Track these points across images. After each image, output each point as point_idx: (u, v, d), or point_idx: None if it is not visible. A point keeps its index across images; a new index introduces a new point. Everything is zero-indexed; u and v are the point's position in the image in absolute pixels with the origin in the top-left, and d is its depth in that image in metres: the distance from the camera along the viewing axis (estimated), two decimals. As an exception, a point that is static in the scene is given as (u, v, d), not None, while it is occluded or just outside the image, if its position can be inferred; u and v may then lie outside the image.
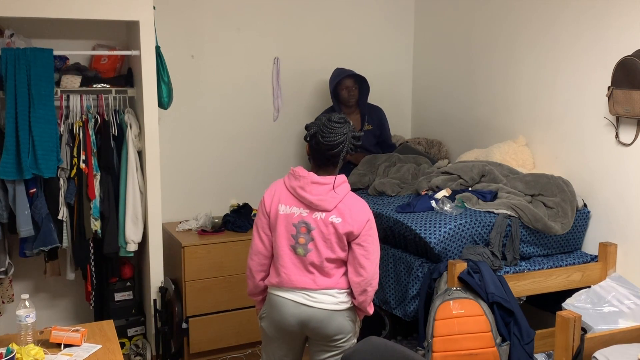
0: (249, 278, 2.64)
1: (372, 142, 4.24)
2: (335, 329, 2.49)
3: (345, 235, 2.45)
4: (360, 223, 2.47)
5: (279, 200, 2.50)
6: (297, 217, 2.47)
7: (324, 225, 2.45)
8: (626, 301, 2.86)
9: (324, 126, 2.46)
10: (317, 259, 2.46)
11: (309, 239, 2.46)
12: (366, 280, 2.48)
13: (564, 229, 3.13)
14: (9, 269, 3.54)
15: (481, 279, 2.80)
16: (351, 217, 2.45)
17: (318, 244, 2.45)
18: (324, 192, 2.46)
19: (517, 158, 3.63)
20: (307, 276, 2.47)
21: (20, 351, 2.23)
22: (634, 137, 3.03)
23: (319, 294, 2.47)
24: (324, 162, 2.50)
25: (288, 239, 2.48)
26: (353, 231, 2.45)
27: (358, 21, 4.65)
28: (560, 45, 3.45)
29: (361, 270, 2.48)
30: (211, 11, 4.20)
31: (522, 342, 2.74)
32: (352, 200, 2.51)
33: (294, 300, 2.48)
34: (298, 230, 2.46)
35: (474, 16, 4.14)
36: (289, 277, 2.47)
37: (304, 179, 2.47)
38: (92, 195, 3.57)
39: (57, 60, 3.56)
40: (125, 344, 3.84)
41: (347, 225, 2.44)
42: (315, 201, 2.45)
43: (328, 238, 2.45)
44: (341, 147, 2.45)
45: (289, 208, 2.48)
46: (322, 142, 2.44)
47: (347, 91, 4.15)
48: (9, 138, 3.28)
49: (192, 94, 4.19)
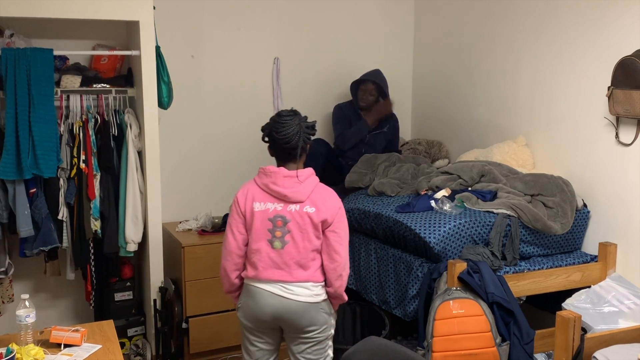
0: (224, 278, 2.70)
1: (383, 143, 4.25)
2: (309, 321, 2.58)
3: (320, 223, 2.56)
4: (333, 211, 2.59)
5: (253, 199, 2.59)
6: (272, 211, 2.56)
7: (299, 216, 2.55)
8: (626, 301, 2.86)
9: (275, 122, 2.61)
10: (295, 251, 2.55)
11: (285, 231, 2.55)
12: (341, 265, 2.62)
13: (564, 229, 3.13)
14: (9, 269, 3.54)
15: (481, 279, 2.80)
16: (324, 206, 2.57)
17: (295, 235, 2.55)
18: (295, 185, 2.56)
19: (517, 158, 3.63)
20: (283, 269, 2.56)
21: (20, 351, 2.23)
22: (634, 137, 3.03)
23: (294, 287, 2.56)
24: (286, 157, 2.62)
25: (265, 234, 2.56)
26: (327, 219, 2.56)
27: (358, 21, 4.64)
28: (560, 45, 3.45)
29: (336, 255, 2.60)
30: (211, 11, 4.20)
31: (522, 342, 2.75)
32: (322, 190, 2.62)
33: (270, 291, 2.56)
34: (274, 224, 2.55)
35: (473, 16, 4.14)
36: (265, 271, 2.56)
37: (275, 174, 2.57)
38: (92, 195, 3.57)
39: (57, 60, 3.56)
40: (125, 344, 3.84)
41: (321, 214, 2.55)
42: (289, 194, 2.54)
43: (304, 228, 2.55)
44: (296, 139, 2.57)
45: (264, 204, 2.57)
46: (277, 137, 2.58)
47: (363, 94, 4.19)
48: (9, 138, 3.27)
49: (192, 94, 4.18)
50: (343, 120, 4.21)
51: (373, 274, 3.44)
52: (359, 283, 3.58)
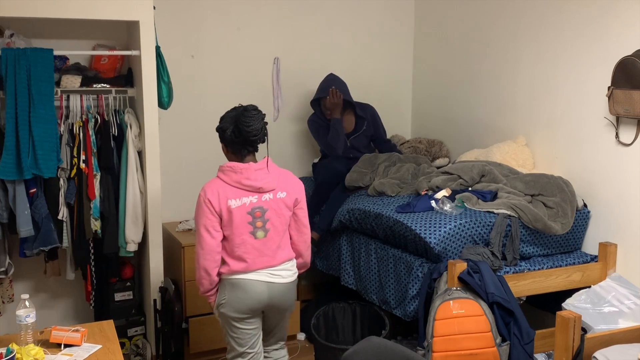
0: (203, 278, 2.73)
1: (365, 143, 4.21)
2: (292, 299, 2.83)
3: (292, 204, 2.75)
4: (300, 189, 2.80)
5: (227, 197, 2.66)
6: (249, 205, 2.67)
7: (274, 203, 2.70)
8: (626, 301, 2.86)
9: (243, 116, 2.67)
10: (277, 236, 2.72)
11: (265, 220, 2.69)
12: (309, 236, 2.87)
13: (564, 229, 3.13)
14: (9, 269, 3.54)
15: (481, 279, 2.80)
16: (292, 187, 2.76)
17: (274, 222, 2.70)
18: (266, 175, 2.70)
19: (517, 158, 3.63)
20: (268, 256, 2.70)
21: (20, 351, 2.23)
22: (634, 137, 3.03)
23: (279, 270, 2.74)
24: (248, 150, 2.72)
25: (246, 227, 2.67)
26: (298, 198, 2.78)
27: (358, 21, 4.64)
28: (561, 45, 3.45)
29: (304, 229, 2.83)
30: (211, 11, 4.20)
31: (522, 342, 2.75)
32: (284, 173, 2.80)
33: (260, 280, 2.69)
34: (253, 216, 2.67)
35: (474, 16, 4.14)
36: (254, 261, 2.68)
37: (247, 170, 2.68)
38: (92, 195, 3.57)
39: (57, 60, 3.56)
40: (125, 344, 3.84)
41: (292, 195, 2.75)
42: (263, 185, 2.68)
43: (281, 213, 2.72)
44: (262, 133, 2.70)
45: (239, 200, 2.66)
46: (246, 130, 2.65)
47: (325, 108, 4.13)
48: (9, 138, 3.27)
49: (192, 94, 4.18)
50: (321, 130, 4.17)
51: (373, 274, 3.44)
52: (359, 283, 3.58)
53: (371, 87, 4.56)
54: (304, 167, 4.60)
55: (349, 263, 3.68)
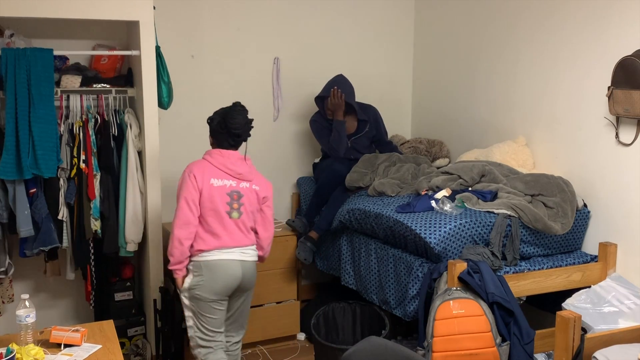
0: (175, 248, 2.95)
1: (366, 144, 4.21)
2: (254, 277, 3.11)
3: (262, 199, 3.09)
4: (269, 189, 3.14)
5: (210, 176, 2.96)
6: (229, 187, 2.98)
7: (250, 192, 3.03)
8: (626, 301, 2.86)
9: (231, 111, 3.01)
10: (247, 219, 3.02)
11: (240, 204, 3.00)
12: (272, 233, 3.17)
13: (564, 229, 3.13)
14: (9, 269, 3.54)
15: (481, 279, 2.80)
16: (264, 185, 3.11)
17: (247, 207, 3.02)
18: (246, 166, 3.04)
19: (517, 158, 3.63)
20: (242, 234, 3.00)
21: (20, 351, 2.23)
22: (634, 137, 3.03)
23: (249, 249, 3.05)
24: (231, 144, 3.02)
25: (223, 207, 2.95)
26: (267, 195, 3.11)
27: (358, 21, 4.65)
28: (560, 45, 3.45)
29: (269, 225, 3.13)
30: (211, 11, 4.20)
31: (522, 342, 2.75)
32: (259, 173, 3.15)
33: (234, 259, 2.97)
34: (231, 198, 2.98)
35: (473, 16, 4.14)
36: (231, 238, 2.96)
37: (232, 156, 3.01)
38: (92, 195, 3.57)
39: (57, 60, 3.56)
40: (125, 344, 3.84)
41: (263, 192, 3.09)
42: (244, 172, 3.01)
43: (252, 202, 3.05)
44: (245, 129, 3.03)
45: (221, 181, 2.97)
46: (230, 122, 2.97)
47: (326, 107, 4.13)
48: (9, 138, 3.27)
49: (192, 94, 4.18)
50: (323, 130, 4.17)
51: (373, 274, 3.44)
52: (359, 283, 3.58)
53: (371, 87, 4.56)
54: (305, 167, 4.60)
55: (349, 263, 3.68)
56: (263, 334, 4.10)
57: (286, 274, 4.13)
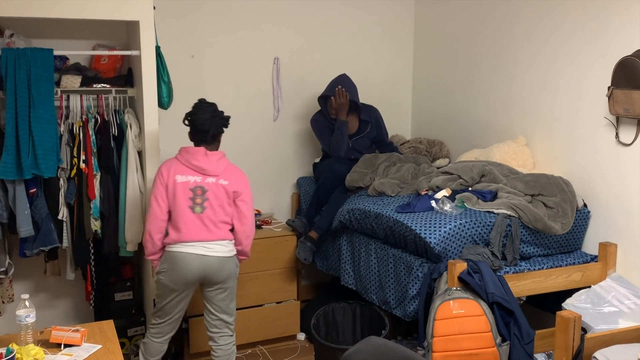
0: (147, 241, 3.14)
1: (367, 145, 4.21)
2: (227, 273, 3.14)
3: (232, 193, 3.12)
4: (242, 184, 3.17)
5: (175, 172, 3.09)
6: (192, 183, 3.08)
7: (215, 187, 3.09)
8: (626, 301, 2.86)
9: (195, 108, 3.18)
10: (212, 214, 3.08)
11: (204, 199, 3.07)
12: (249, 227, 3.19)
13: (564, 229, 3.13)
14: (9, 269, 3.54)
15: (481, 279, 2.80)
16: (235, 180, 3.15)
17: (212, 202, 3.08)
18: (212, 162, 3.11)
19: (517, 158, 3.63)
20: (204, 229, 3.06)
21: (20, 351, 2.23)
22: (634, 137, 3.03)
23: (214, 244, 3.08)
24: (201, 139, 3.13)
25: (186, 201, 3.06)
26: (238, 190, 3.14)
27: (358, 21, 4.65)
28: (560, 45, 3.45)
29: (245, 219, 3.16)
30: (211, 11, 4.20)
31: (522, 342, 2.75)
32: (233, 168, 3.19)
33: (194, 252, 3.05)
34: (195, 193, 3.07)
35: (474, 16, 4.14)
36: (189, 232, 3.05)
37: (197, 152, 3.10)
38: (92, 195, 3.57)
39: (57, 60, 3.56)
40: (125, 344, 3.84)
41: (233, 186, 3.13)
42: (208, 168, 3.08)
43: (219, 197, 3.09)
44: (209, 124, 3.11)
45: (185, 177, 3.08)
46: (194, 118, 3.13)
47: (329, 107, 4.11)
48: (9, 138, 3.27)
49: (192, 94, 4.17)
50: (324, 130, 4.17)
51: (373, 274, 3.44)
52: (359, 283, 3.58)
53: (371, 87, 4.56)
54: (305, 167, 4.60)
55: (349, 263, 3.68)
56: (263, 334, 4.10)
57: (286, 274, 4.13)
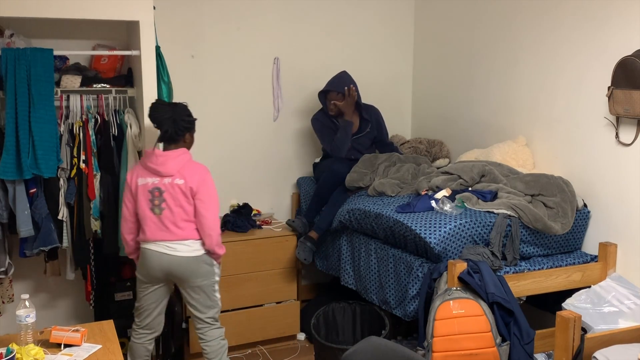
0: (124, 241, 3.30)
1: (367, 144, 4.21)
2: (192, 272, 3.16)
3: (189, 192, 3.10)
4: (197, 182, 3.12)
5: (137, 176, 3.16)
6: (150, 185, 3.12)
7: (171, 187, 3.10)
8: (626, 301, 2.86)
9: (150, 108, 3.17)
10: (171, 215, 3.11)
11: (162, 200, 3.11)
12: (207, 226, 3.13)
13: (564, 229, 3.13)
14: (9, 269, 3.54)
15: (481, 279, 2.80)
16: (190, 178, 3.11)
17: (169, 203, 3.10)
18: (166, 162, 3.11)
19: (517, 158, 3.63)
20: (165, 230, 3.11)
21: (20, 351, 2.23)
22: (634, 137, 3.03)
23: (176, 244, 3.12)
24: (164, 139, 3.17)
25: (147, 204, 3.12)
26: (192, 187, 3.10)
27: (358, 21, 4.65)
28: (560, 45, 3.45)
29: (202, 218, 3.12)
30: (211, 11, 4.20)
31: (522, 342, 2.75)
32: (191, 165, 3.17)
33: (157, 250, 3.13)
34: (153, 195, 3.11)
35: (474, 16, 4.14)
36: (151, 233, 3.12)
37: (152, 155, 3.14)
38: (92, 195, 3.57)
39: (57, 60, 3.56)
40: (125, 344, 3.83)
41: (188, 184, 3.10)
42: (160, 169, 3.10)
43: (176, 197, 3.10)
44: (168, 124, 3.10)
45: (144, 179, 3.14)
46: (153, 121, 3.14)
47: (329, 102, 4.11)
48: (9, 138, 3.27)
49: (192, 94, 4.17)
50: (325, 129, 4.16)
51: (373, 274, 3.44)
52: (359, 283, 3.58)
53: (371, 87, 4.55)
54: (305, 167, 4.60)
55: (349, 263, 3.68)
56: (263, 334, 4.10)
57: (286, 274, 4.13)
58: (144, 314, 3.28)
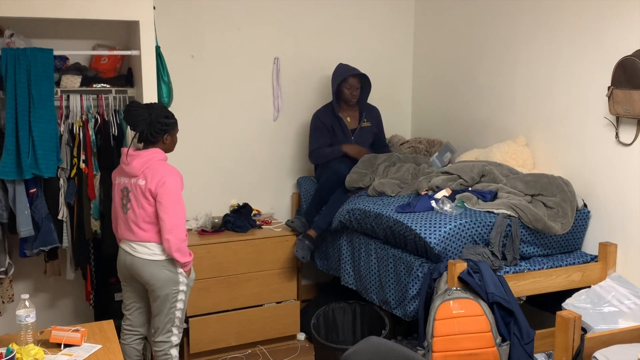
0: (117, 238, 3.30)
1: (369, 140, 4.23)
2: (149, 276, 3.07)
3: (148, 193, 3.04)
4: (157, 183, 3.02)
5: (116, 175, 3.20)
6: (122, 184, 3.14)
7: (134, 187, 3.08)
8: (626, 301, 2.86)
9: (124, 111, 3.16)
10: (133, 215, 3.09)
11: (128, 199, 3.11)
12: (165, 229, 3.02)
13: (564, 229, 3.13)
14: (9, 269, 3.54)
15: (481, 279, 2.80)
16: (152, 179, 3.03)
17: (133, 203, 3.09)
18: (131, 162, 3.06)
19: (517, 158, 3.63)
20: (130, 230, 3.10)
21: (20, 351, 2.23)
22: (634, 137, 3.03)
23: (138, 246, 3.09)
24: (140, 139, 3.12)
25: (119, 203, 3.15)
26: (151, 189, 3.03)
27: (358, 21, 4.65)
28: (561, 45, 3.45)
29: (160, 221, 3.05)
30: (211, 11, 4.20)
31: (522, 342, 2.75)
32: (157, 166, 3.06)
33: (124, 249, 3.16)
34: (123, 194, 3.13)
35: (473, 16, 4.14)
36: (121, 231, 3.16)
37: (122, 154, 3.12)
38: (92, 195, 3.57)
39: (57, 60, 3.55)
40: (125, 344, 3.83)
41: (147, 185, 3.04)
42: (126, 169, 3.08)
43: (138, 198, 3.07)
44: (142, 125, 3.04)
45: (120, 178, 3.16)
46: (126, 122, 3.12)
47: (351, 90, 4.09)
48: (9, 138, 3.27)
49: (192, 94, 4.18)
50: (321, 131, 4.13)
51: (373, 274, 3.44)
52: (359, 283, 3.58)
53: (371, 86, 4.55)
54: (305, 166, 4.60)
55: (349, 263, 3.68)
56: (263, 334, 4.10)
57: (286, 274, 4.13)
58: (126, 313, 3.29)
